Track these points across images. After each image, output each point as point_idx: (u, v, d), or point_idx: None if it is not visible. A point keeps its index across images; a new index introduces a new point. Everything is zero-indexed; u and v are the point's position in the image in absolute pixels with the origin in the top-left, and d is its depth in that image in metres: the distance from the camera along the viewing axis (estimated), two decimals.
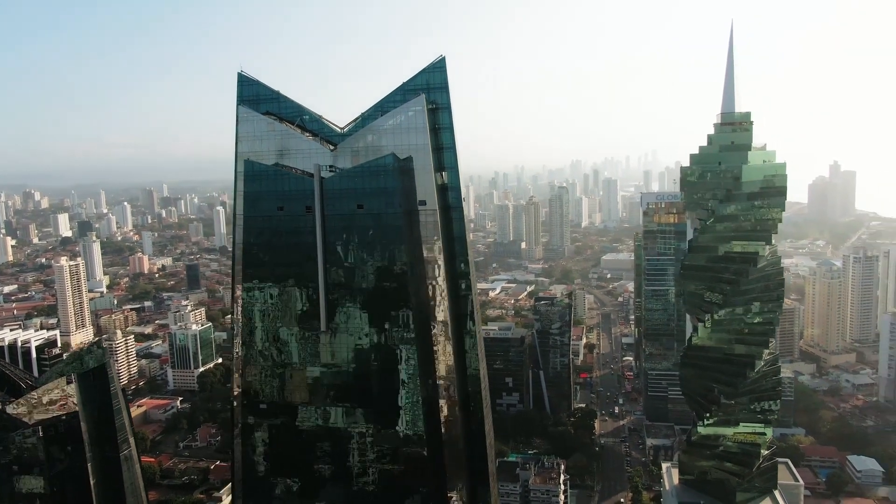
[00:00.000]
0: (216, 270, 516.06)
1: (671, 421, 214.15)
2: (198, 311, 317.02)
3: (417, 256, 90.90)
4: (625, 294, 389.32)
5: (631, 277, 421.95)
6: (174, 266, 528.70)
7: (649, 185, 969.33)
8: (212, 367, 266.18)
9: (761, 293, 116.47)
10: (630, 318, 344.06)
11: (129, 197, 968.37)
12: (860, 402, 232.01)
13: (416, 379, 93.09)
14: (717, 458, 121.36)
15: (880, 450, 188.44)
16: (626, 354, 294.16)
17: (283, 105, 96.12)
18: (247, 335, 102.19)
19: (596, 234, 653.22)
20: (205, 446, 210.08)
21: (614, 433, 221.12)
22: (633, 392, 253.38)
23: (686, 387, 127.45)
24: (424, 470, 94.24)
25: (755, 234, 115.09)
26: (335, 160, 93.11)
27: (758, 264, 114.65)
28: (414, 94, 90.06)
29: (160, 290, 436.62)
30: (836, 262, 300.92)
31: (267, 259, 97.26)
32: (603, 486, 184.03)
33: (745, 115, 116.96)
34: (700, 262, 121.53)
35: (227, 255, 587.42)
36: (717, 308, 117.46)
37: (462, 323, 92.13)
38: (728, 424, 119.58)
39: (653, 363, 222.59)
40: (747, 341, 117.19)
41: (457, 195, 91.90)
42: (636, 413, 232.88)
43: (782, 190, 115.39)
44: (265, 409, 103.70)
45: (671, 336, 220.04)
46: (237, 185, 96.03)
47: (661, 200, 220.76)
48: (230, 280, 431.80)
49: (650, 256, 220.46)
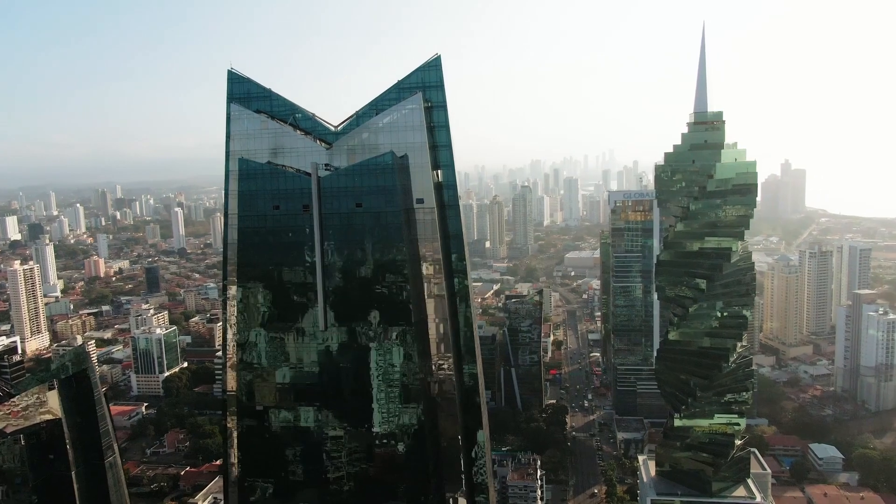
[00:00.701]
0: (176, 273, 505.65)
1: (640, 415, 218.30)
2: (160, 315, 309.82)
3: (416, 254, 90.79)
4: (589, 291, 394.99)
5: (594, 275, 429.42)
6: (132, 269, 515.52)
7: (608, 183, 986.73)
8: (177, 371, 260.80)
9: (735, 288, 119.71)
10: (595, 315, 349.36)
11: (81, 199, 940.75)
12: (818, 393, 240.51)
13: (416, 377, 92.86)
14: (692, 449, 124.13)
15: (839, 437, 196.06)
16: (593, 350, 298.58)
17: (276, 103, 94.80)
18: (241, 335, 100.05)
19: (558, 233, 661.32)
20: (173, 452, 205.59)
21: (585, 428, 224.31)
22: (601, 387, 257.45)
23: (662, 380, 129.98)
24: (424, 468, 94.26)
25: (728, 231, 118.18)
26: (331, 158, 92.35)
27: (731, 259, 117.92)
28: (409, 93, 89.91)
29: (118, 294, 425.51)
30: (792, 257, 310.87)
31: (263, 258, 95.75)
32: (577, 480, 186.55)
33: (717, 114, 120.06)
34: (675, 258, 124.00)
35: (186, 256, 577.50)
36: (693, 302, 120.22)
37: (459, 320, 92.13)
38: (703, 416, 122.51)
39: (621, 358, 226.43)
40: (721, 334, 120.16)
41: (453, 193, 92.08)
42: (605, 408, 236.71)
43: (753, 187, 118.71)
44: (260, 411, 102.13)
45: (639, 332, 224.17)
46: (229, 185, 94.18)
47: (629, 198, 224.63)
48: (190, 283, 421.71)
49: (618, 254, 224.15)
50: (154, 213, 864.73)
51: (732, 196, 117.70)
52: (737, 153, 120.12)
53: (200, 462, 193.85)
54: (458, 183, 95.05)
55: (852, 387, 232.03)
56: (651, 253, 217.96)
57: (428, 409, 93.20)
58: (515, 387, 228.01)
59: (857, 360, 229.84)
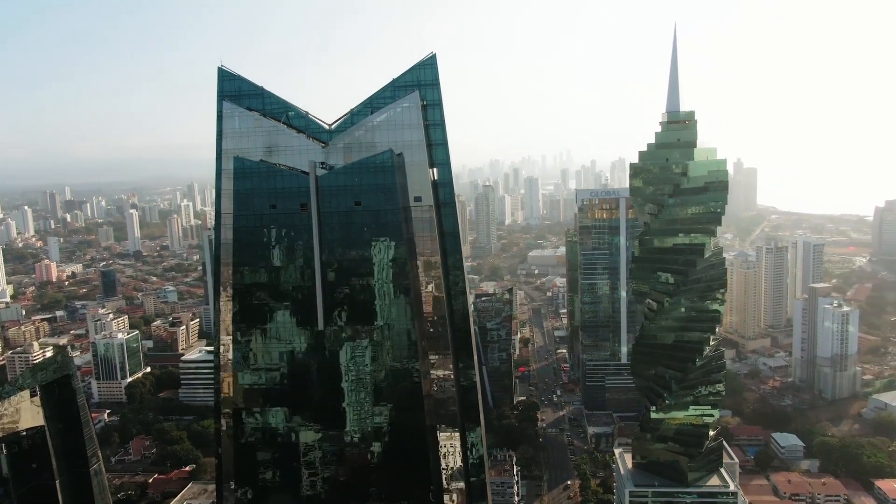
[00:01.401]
0: (132, 276, 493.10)
1: (609, 409, 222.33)
2: (120, 319, 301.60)
3: (415, 253, 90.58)
4: (553, 289, 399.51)
5: (558, 273, 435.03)
6: (86, 273, 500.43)
7: (567, 182, 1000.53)
8: (140, 376, 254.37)
9: (707, 283, 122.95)
10: (560, 312, 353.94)
11: (28, 201, 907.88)
12: (777, 384, 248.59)
13: (415, 376, 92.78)
14: (668, 441, 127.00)
15: (799, 426, 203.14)
16: (560, 347, 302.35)
17: (268, 101, 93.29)
18: (238, 336, 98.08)
19: (520, 232, 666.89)
20: (139, 459, 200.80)
21: (555, 423, 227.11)
22: (569, 383, 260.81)
23: (638, 374, 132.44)
24: (424, 465, 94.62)
25: (702, 227, 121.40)
26: (327, 157, 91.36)
27: (704, 255, 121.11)
28: (404, 91, 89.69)
29: (72, 299, 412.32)
30: (750, 253, 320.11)
31: (260, 258, 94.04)
32: (550, 474, 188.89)
33: (690, 113, 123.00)
34: (650, 255, 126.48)
35: (142, 259, 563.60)
36: (667, 298, 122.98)
37: (457, 319, 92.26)
38: (679, 408, 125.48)
39: (590, 354, 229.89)
40: (695, 328, 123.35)
41: (449, 191, 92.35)
42: (575, 403, 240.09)
43: (724, 185, 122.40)
44: (258, 414, 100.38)
45: (607, 328, 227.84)
46: (221, 184, 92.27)
47: (595, 197, 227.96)
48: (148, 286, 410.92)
49: (586, 251, 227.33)
50: (106, 216, 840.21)
51: (705, 194, 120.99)
52: (708, 152, 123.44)
53: (169, 469, 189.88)
54: None
55: (809, 377, 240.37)
56: (618, 250, 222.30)
57: (427, 407, 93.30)
58: (486, 384, 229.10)
59: (813, 352, 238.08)
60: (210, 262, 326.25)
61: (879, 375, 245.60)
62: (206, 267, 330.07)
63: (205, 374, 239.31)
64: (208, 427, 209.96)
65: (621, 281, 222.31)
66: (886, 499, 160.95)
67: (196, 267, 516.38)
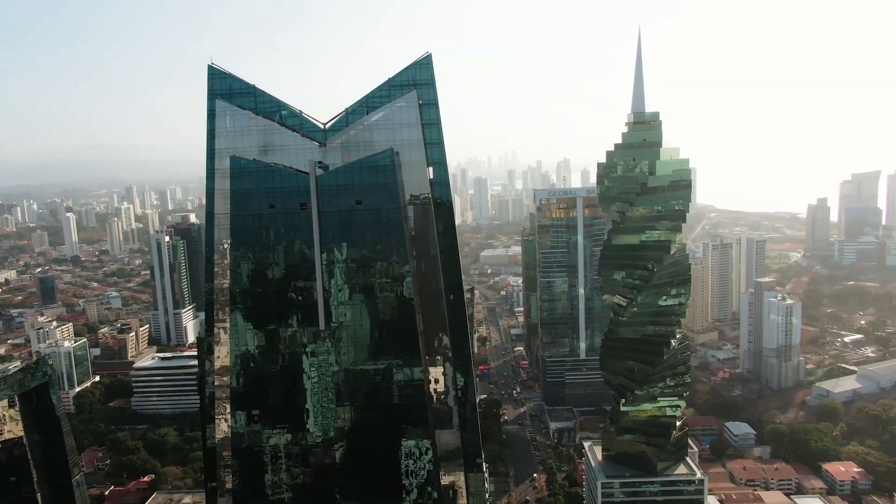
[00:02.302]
0: (71, 282, 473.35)
1: (569, 404, 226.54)
2: (64, 327, 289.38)
3: (415, 251, 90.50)
4: (507, 288, 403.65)
5: (510, 272, 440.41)
6: (20, 279, 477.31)
7: (514, 183, 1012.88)
8: (89, 386, 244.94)
9: (673, 277, 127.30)
10: (515, 311, 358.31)
11: None
12: (727, 375, 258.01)
13: (419, 373, 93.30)
14: (637, 432, 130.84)
15: (750, 415, 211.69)
16: (517, 345, 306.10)
17: (260, 100, 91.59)
18: (234, 339, 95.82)
19: (470, 232, 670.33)
20: (93, 471, 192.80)
21: (516, 420, 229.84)
22: (528, 380, 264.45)
23: (607, 369, 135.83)
24: (428, 461, 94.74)
25: (668, 225, 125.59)
26: (324, 156, 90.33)
27: (671, 251, 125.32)
28: (400, 90, 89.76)
29: (6, 307, 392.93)
30: (696, 250, 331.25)
31: (259, 258, 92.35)
32: (515, 470, 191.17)
33: (654, 114, 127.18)
34: (618, 252, 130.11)
35: (81, 265, 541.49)
36: (637, 293, 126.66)
37: (455, 317, 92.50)
38: (648, 400, 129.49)
39: (550, 351, 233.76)
40: (662, 322, 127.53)
41: (445, 190, 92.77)
42: (535, 400, 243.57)
43: (688, 183, 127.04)
44: (258, 417, 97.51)
45: (566, 325, 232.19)
46: (215, 184, 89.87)
47: (553, 196, 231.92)
48: (89, 292, 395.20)
49: (544, 250, 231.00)
50: (39, 220, 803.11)
51: (670, 192, 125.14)
52: (672, 152, 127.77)
53: (126, 480, 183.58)
54: None
55: (757, 368, 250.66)
56: (576, 249, 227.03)
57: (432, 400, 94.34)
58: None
59: (759, 343, 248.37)
60: (158, 267, 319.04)
61: (820, 364, 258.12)
62: (155, 271, 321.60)
63: (158, 382, 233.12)
64: (165, 435, 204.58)
65: (579, 278, 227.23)
66: (834, 481, 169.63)
67: (140, 271, 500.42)
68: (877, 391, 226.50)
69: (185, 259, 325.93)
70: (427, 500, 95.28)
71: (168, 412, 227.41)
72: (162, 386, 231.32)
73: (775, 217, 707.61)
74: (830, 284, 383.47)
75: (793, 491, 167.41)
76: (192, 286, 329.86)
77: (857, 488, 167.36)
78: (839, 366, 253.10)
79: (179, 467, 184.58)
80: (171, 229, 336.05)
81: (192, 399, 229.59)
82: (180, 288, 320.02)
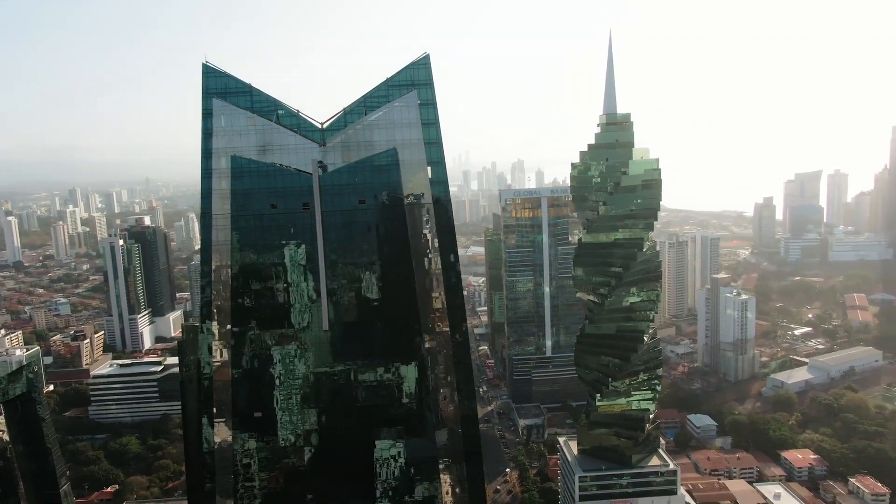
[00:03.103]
0: (15, 289, 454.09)
1: (536, 401, 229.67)
2: (13, 335, 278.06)
3: (417, 250, 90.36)
4: (469, 288, 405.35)
5: (470, 272, 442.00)
6: None
7: (469, 183, 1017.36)
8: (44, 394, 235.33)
9: (645, 274, 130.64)
10: (478, 310, 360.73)
11: None
12: (686, 369, 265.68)
13: (422, 370, 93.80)
14: (612, 426, 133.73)
15: (710, 407, 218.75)
16: (481, 344, 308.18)
17: (256, 99, 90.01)
18: (235, 341, 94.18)
19: None
20: None
21: (485, 418, 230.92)
22: (494, 378, 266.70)
23: (582, 365, 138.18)
24: (432, 459, 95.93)
25: (640, 223, 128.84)
26: (324, 156, 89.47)
27: (643, 249, 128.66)
28: (398, 90, 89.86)
29: None
30: None
31: (261, 258, 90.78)
32: (487, 468, 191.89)
33: (626, 115, 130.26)
34: (592, 250, 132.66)
35: (24, 270, 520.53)
36: (611, 290, 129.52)
37: (455, 315, 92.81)
38: (623, 395, 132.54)
39: (516, 349, 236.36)
40: (636, 318, 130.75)
41: (444, 189, 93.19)
42: (502, 398, 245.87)
43: (659, 182, 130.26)
44: (259, 419, 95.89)
45: (532, 323, 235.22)
46: (211, 184, 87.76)
47: (518, 196, 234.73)
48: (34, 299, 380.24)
49: (510, 249, 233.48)
50: None
51: (643, 191, 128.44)
52: (642, 152, 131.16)
53: (87, 491, 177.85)
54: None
55: (714, 361, 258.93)
56: (541, 248, 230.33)
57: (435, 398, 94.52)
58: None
59: (716, 338, 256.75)
60: (112, 271, 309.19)
61: (773, 357, 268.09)
62: (108, 276, 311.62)
63: (118, 390, 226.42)
64: (127, 444, 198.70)
65: (545, 277, 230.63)
66: (792, 468, 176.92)
67: (88, 276, 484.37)
68: (827, 381, 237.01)
69: (140, 263, 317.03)
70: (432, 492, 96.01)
71: (128, 420, 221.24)
72: (121, 394, 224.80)
73: (722, 216, 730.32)
74: (778, 280, 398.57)
75: (754, 479, 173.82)
76: (147, 291, 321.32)
77: (814, 474, 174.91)
78: (791, 358, 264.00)
79: (145, 476, 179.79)
80: (124, 232, 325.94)
81: (154, 406, 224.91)
82: (135, 293, 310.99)
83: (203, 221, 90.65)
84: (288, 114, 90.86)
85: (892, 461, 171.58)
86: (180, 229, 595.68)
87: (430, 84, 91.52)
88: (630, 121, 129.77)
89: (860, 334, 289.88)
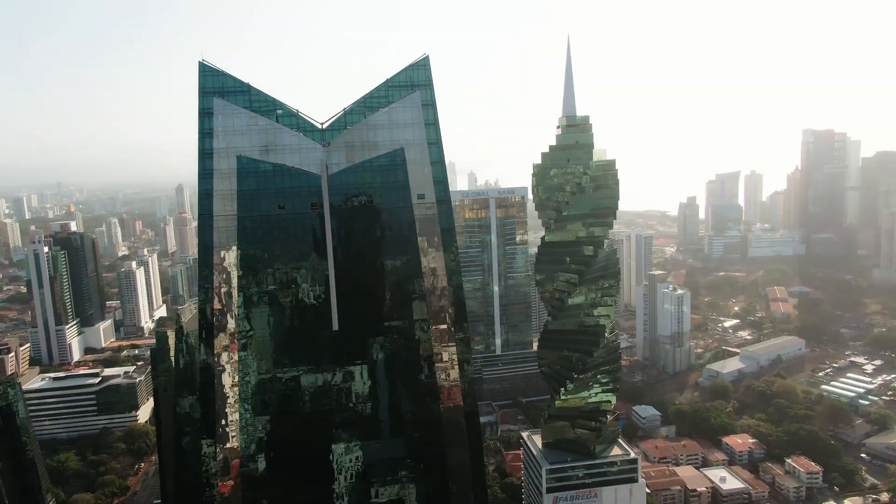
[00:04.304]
0: None
1: (487, 399, 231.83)
2: None
3: (424, 250, 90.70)
4: None
5: None
6: None
7: None
8: None
9: (605, 270, 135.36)
10: None
11: None
12: (627, 362, 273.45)
13: (430, 367, 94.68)
14: (576, 419, 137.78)
15: (653, 398, 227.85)
16: None
17: (255, 98, 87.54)
18: (242, 343, 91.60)
19: None
20: None
21: None
22: None
23: (545, 364, 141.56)
24: (440, 453, 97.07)
25: (601, 221, 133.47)
26: (327, 156, 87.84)
27: (604, 246, 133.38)
28: (398, 91, 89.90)
29: None
30: None
31: (267, 260, 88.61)
32: None
33: (585, 117, 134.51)
34: (554, 249, 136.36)
35: None
36: (573, 287, 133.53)
37: (458, 310, 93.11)
38: (584, 389, 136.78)
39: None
40: (597, 313, 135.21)
41: (444, 188, 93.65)
42: None
43: (616, 182, 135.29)
44: (266, 423, 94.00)
45: (481, 322, 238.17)
46: (211, 185, 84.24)
47: (467, 197, 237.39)
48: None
49: (461, 250, 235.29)
50: None
51: (602, 190, 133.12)
52: (600, 152, 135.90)
53: None
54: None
55: (653, 355, 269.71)
56: (490, 248, 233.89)
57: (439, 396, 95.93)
58: None
59: (655, 332, 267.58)
60: (37, 280, 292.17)
61: (707, 348, 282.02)
62: (32, 285, 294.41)
63: (51, 405, 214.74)
64: (66, 461, 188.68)
65: (493, 277, 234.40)
66: (734, 452, 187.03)
67: (2, 286, 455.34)
68: (757, 370, 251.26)
69: (67, 271, 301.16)
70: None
71: (64, 436, 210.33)
72: (56, 408, 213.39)
73: (647, 215, 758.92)
74: (704, 275, 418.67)
75: (700, 464, 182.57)
76: (75, 300, 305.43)
77: (753, 457, 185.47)
78: (723, 349, 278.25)
79: (90, 493, 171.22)
80: (49, 239, 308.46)
81: (92, 421, 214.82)
82: (62, 302, 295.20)
83: (203, 223, 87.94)
84: (287, 113, 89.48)
85: (823, 441, 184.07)
86: (102, 235, 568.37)
87: (430, 85, 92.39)
88: (589, 122, 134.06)
89: (783, 324, 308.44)
